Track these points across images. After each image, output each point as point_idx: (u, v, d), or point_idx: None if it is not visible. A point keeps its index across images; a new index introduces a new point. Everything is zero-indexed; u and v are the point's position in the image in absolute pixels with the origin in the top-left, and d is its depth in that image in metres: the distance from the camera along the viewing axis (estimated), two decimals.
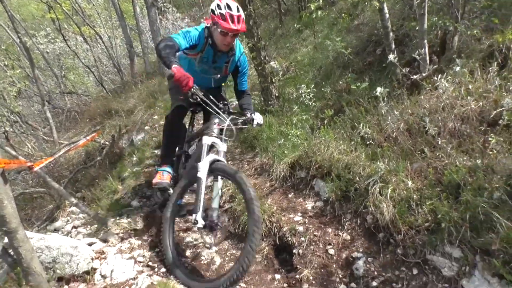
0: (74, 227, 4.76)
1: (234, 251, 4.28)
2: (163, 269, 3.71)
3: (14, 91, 9.37)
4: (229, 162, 6.06)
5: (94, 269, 3.59)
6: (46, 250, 3.47)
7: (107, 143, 6.83)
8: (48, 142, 7.75)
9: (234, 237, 4.48)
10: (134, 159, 6.39)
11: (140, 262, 3.76)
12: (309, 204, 4.43)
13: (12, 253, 3.31)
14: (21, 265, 3.07)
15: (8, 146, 5.40)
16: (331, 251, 3.80)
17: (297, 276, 3.68)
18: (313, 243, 3.97)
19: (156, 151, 6.77)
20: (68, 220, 5.18)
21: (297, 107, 5.75)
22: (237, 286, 3.67)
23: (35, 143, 7.70)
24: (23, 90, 10.56)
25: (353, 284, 3.40)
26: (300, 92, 5.78)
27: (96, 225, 4.59)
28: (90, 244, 3.89)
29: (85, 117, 9.31)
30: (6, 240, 3.88)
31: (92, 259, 3.66)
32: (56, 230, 4.91)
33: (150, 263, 3.75)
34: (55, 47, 13.15)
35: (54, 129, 7.24)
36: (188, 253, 4.18)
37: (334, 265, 3.67)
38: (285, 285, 3.75)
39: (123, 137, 7.40)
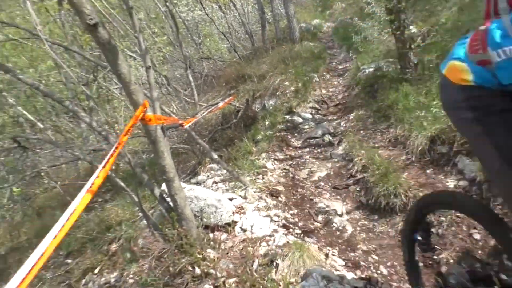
0: (214, 182, 5.17)
1: (365, 222, 4.21)
2: (298, 231, 3.84)
3: (161, 56, 10.38)
4: (361, 132, 5.91)
5: (234, 222, 3.88)
6: (195, 200, 3.85)
7: (241, 106, 7.18)
8: (189, 104, 8.47)
9: (365, 208, 4.40)
10: (267, 123, 6.62)
11: (276, 221, 3.93)
12: (450, 183, 4.09)
13: (168, 199, 3.75)
14: (176, 210, 3.45)
15: None
16: (477, 236, 3.46)
17: (435, 257, 3.46)
18: (455, 225, 3.67)
19: (287, 117, 6.91)
20: (208, 176, 5.65)
21: None
22: (368, 258, 3.64)
23: (179, 104, 8.50)
24: (167, 55, 11.62)
25: (503, 276, 3.07)
26: None
27: (233, 182, 4.91)
28: (230, 199, 4.19)
29: (220, 82, 9.91)
30: (163, 187, 4.41)
31: (233, 213, 3.95)
32: (198, 183, 5.40)
33: (285, 223, 3.90)
34: (194, 15, 14.06)
35: (195, 91, 7.86)
36: (319, 218, 4.23)
37: (480, 252, 3.36)
38: (420, 264, 3.56)
39: (255, 101, 7.69)
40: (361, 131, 5.88)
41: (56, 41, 5.89)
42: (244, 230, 3.76)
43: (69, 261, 5.00)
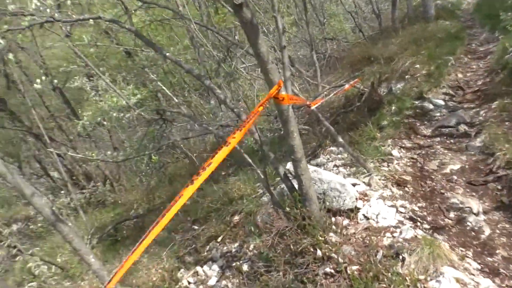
0: (335, 166, 5.08)
1: (507, 225, 3.73)
2: (426, 226, 3.57)
3: (287, 36, 10.46)
4: (505, 123, 5.22)
5: (357, 209, 3.77)
6: (318, 182, 3.83)
7: (366, 89, 6.87)
8: (311, 85, 8.42)
9: (507, 210, 3.89)
10: (393, 108, 6.25)
11: (402, 212, 3.71)
12: None
13: (291, 178, 3.80)
14: (300, 190, 3.47)
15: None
16: None
17: None
18: None
19: (416, 102, 6.43)
20: (328, 159, 5.58)
21: None
22: (510, 265, 3.23)
23: (300, 84, 8.50)
24: (291, 36, 11.65)
25: None
26: None
27: (355, 168, 4.77)
28: (353, 185, 4.08)
29: (344, 63, 9.62)
30: (288, 166, 4.48)
31: (356, 199, 3.83)
32: (317, 165, 5.36)
33: (412, 216, 3.67)
34: None
35: (319, 73, 7.77)
36: (451, 215, 3.88)
37: None
38: None
39: (381, 84, 7.30)
40: (506, 123, 5.18)
41: (197, 22, 6.29)
42: (368, 218, 3.64)
43: (196, 227, 5.44)
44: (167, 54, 3.96)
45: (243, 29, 2.86)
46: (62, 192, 9.30)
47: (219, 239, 4.96)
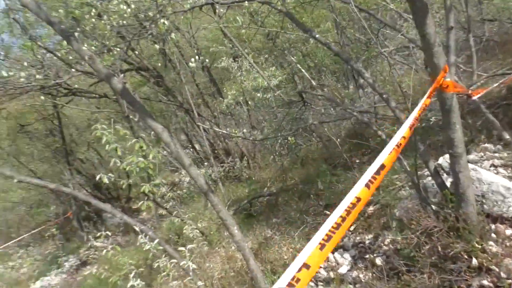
0: (493, 165, 4.47)
1: None
2: None
3: (437, 18, 9.49)
4: None
5: None
6: (476, 182, 3.40)
7: None
8: (464, 72, 7.52)
9: None
10: None
11: None
12: None
13: (442, 174, 3.44)
14: (456, 189, 3.12)
15: None
16: None
17: None
18: None
19: None
20: (481, 156, 4.94)
21: None
22: None
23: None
24: (442, 17, 10.53)
25: None
26: None
27: None
28: None
29: (507, 48, 8.37)
30: (440, 161, 4.10)
31: None
32: (468, 163, 4.78)
33: None
34: None
35: (475, 59, 6.88)
36: None
37: None
38: None
39: None
40: None
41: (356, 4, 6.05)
42: None
43: (327, 212, 5.36)
44: (317, 36, 3.89)
45: (410, 7, 2.63)
46: (205, 164, 10.13)
47: (352, 228, 4.81)
